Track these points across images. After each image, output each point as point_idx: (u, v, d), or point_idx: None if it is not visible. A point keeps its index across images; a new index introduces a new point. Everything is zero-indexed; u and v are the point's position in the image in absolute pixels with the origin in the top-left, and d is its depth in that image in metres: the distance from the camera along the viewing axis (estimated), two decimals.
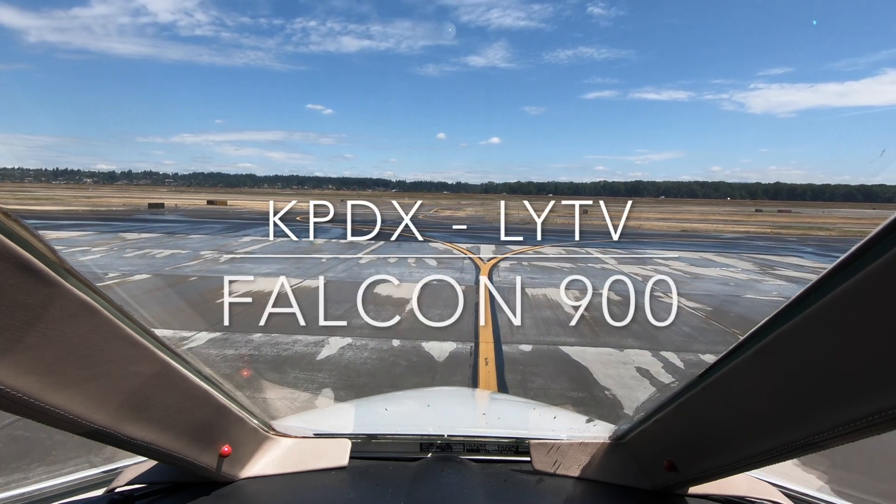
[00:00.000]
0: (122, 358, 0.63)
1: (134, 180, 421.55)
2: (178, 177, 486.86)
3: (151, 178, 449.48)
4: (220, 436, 0.94)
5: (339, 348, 5.63)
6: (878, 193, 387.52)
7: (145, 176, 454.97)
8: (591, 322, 7.02)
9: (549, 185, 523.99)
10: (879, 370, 0.45)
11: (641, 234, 25.09)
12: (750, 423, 0.68)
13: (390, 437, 1.28)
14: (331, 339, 5.91)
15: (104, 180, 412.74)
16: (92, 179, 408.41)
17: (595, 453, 1.10)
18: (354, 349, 5.61)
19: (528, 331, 6.53)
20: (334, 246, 15.75)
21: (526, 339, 6.18)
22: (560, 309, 7.78)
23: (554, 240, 19.09)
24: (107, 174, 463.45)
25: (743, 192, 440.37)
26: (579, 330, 6.62)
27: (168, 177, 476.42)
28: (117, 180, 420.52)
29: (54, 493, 1.05)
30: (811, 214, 71.25)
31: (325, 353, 5.50)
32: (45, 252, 0.50)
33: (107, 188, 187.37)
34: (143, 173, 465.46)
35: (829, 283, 0.47)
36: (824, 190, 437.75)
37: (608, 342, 6.11)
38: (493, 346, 5.85)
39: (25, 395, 0.51)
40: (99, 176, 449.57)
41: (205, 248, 14.40)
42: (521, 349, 5.77)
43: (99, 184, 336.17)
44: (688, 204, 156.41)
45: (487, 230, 24.09)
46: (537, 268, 11.94)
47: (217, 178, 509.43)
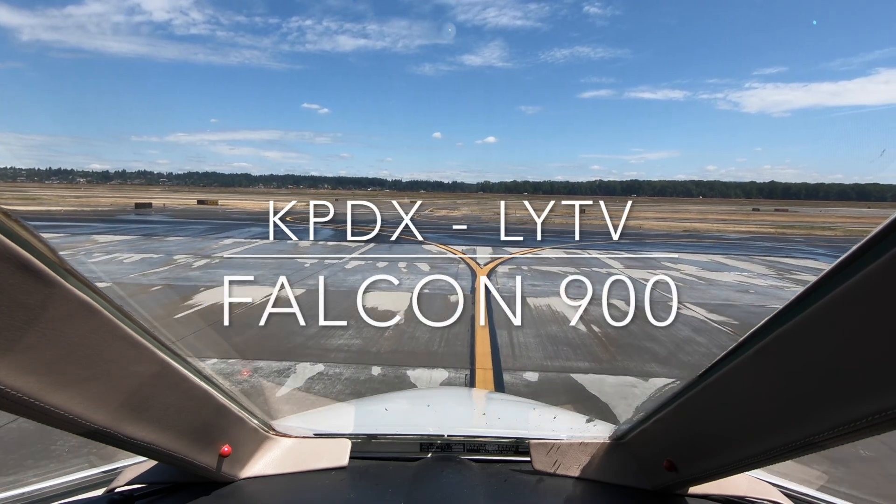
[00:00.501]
0: (122, 358, 0.63)
1: (128, 180, 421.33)
2: (172, 176, 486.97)
3: (146, 177, 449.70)
4: (220, 436, 0.94)
5: (306, 380, 4.67)
6: (871, 192, 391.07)
7: (140, 175, 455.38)
8: (603, 341, 6.07)
9: (545, 185, 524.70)
10: (879, 370, 0.46)
11: (643, 234, 24.22)
12: (750, 423, 0.67)
13: (390, 437, 1.27)
14: (298, 367, 4.94)
15: (98, 180, 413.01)
16: (85, 179, 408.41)
17: (595, 453, 1.09)
18: (325, 380, 4.65)
19: (532, 352, 5.58)
20: (321, 249, 14.77)
21: (531, 363, 5.23)
22: (566, 324, 6.82)
23: (554, 241, 18.18)
24: (101, 174, 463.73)
25: (738, 191, 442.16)
26: (592, 352, 5.68)
27: (163, 176, 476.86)
28: (111, 180, 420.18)
29: (54, 493, 1.05)
30: (808, 213, 70.84)
31: (288, 387, 4.55)
32: (45, 252, 0.50)
33: (100, 188, 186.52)
34: (137, 173, 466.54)
35: (829, 283, 0.47)
36: (818, 189, 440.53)
37: (628, 368, 5.16)
38: (492, 374, 4.91)
39: (25, 395, 0.51)
40: (93, 175, 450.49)
41: (180, 251, 13.35)
42: (525, 378, 4.83)
43: (93, 183, 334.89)
44: (685, 203, 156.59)
45: (484, 230, 23.15)
46: (538, 273, 11.01)
47: (212, 177, 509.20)
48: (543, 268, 11.74)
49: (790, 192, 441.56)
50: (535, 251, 15.00)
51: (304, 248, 14.67)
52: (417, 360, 5.26)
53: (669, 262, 13.40)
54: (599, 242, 17.99)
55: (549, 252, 15.04)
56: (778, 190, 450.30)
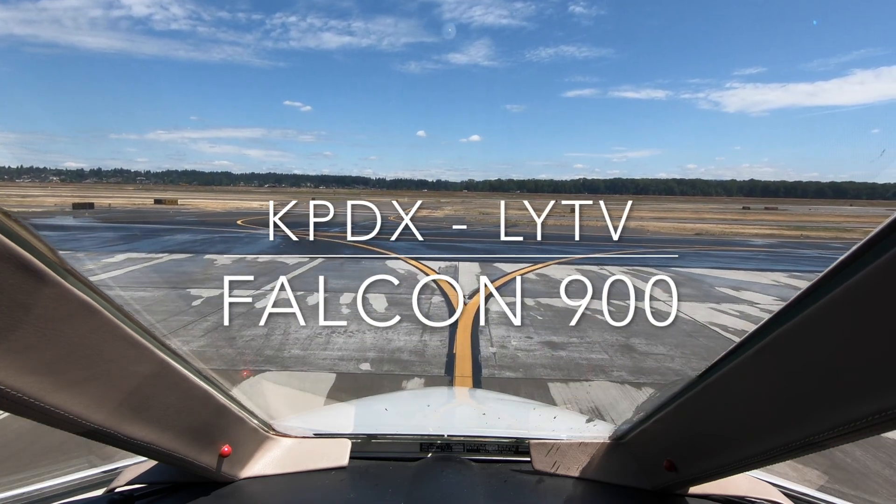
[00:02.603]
0: (122, 358, 0.63)
1: (104, 178, 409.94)
2: (150, 174, 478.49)
3: (122, 175, 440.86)
4: (220, 436, 0.94)
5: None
6: (847, 189, 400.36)
7: (116, 174, 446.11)
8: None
9: (529, 183, 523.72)
10: (879, 370, 0.46)
11: (653, 239, 20.64)
12: (750, 423, 0.68)
13: (390, 437, 1.26)
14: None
15: (72, 178, 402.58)
16: (58, 177, 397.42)
17: (595, 453, 1.10)
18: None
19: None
20: (243, 268, 10.72)
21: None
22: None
23: (556, 250, 14.42)
24: (75, 172, 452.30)
25: (719, 190, 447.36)
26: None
27: (140, 174, 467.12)
28: (86, 178, 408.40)
29: (54, 493, 1.05)
30: (798, 212, 68.89)
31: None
32: (45, 252, 0.50)
33: (70, 187, 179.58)
34: (113, 171, 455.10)
35: (829, 283, 0.47)
36: (797, 186, 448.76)
37: None
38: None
39: (25, 395, 0.51)
40: (66, 174, 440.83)
41: None
42: None
43: (65, 182, 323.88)
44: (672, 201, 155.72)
45: (469, 236, 19.29)
46: (552, 316, 7.20)
47: (191, 175, 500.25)
48: (556, 302, 7.89)
49: (769, 189, 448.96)
50: (539, 268, 11.15)
51: (218, 267, 10.62)
52: None
53: (729, 289, 9.55)
54: (610, 251, 14.33)
55: (557, 269, 11.19)
56: (758, 188, 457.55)
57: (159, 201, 47.33)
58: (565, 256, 13.24)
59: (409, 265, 11.29)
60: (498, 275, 10.48)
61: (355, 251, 13.26)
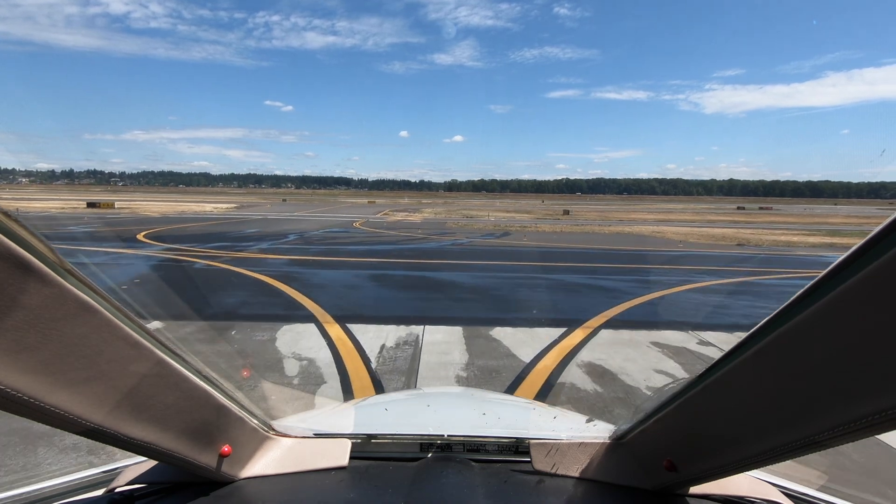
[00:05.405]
0: (122, 358, 0.63)
1: (76, 179, 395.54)
2: (125, 176, 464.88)
3: (96, 177, 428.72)
4: (220, 436, 0.93)
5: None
6: (823, 188, 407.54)
7: (89, 175, 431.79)
8: None
9: (512, 183, 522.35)
10: (879, 370, 0.46)
11: (693, 254, 15.99)
12: (750, 423, 0.67)
13: (390, 438, 1.24)
14: None
15: (43, 180, 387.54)
16: (28, 179, 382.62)
17: (595, 453, 1.09)
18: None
19: None
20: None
21: None
22: None
23: (583, 286, 9.58)
24: (46, 173, 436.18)
25: (700, 189, 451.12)
26: None
27: (115, 176, 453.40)
28: (57, 179, 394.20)
29: (54, 493, 1.03)
30: (798, 212, 65.89)
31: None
32: (45, 252, 0.50)
33: (36, 188, 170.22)
34: (86, 172, 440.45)
35: (829, 284, 0.47)
36: (774, 186, 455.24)
37: None
38: None
39: (25, 395, 0.51)
40: (37, 175, 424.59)
41: None
42: None
43: (35, 183, 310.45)
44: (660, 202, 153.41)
45: (449, 256, 14.30)
46: None
47: (168, 177, 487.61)
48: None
49: (748, 189, 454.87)
50: (585, 361, 6.16)
51: None
52: None
53: None
54: (675, 285, 9.65)
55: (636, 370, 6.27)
56: (737, 187, 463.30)
57: (93, 204, 41.35)
58: (611, 320, 8.34)
59: (323, 342, 6.22)
60: (495, 378, 5.45)
61: (243, 293, 8.14)
